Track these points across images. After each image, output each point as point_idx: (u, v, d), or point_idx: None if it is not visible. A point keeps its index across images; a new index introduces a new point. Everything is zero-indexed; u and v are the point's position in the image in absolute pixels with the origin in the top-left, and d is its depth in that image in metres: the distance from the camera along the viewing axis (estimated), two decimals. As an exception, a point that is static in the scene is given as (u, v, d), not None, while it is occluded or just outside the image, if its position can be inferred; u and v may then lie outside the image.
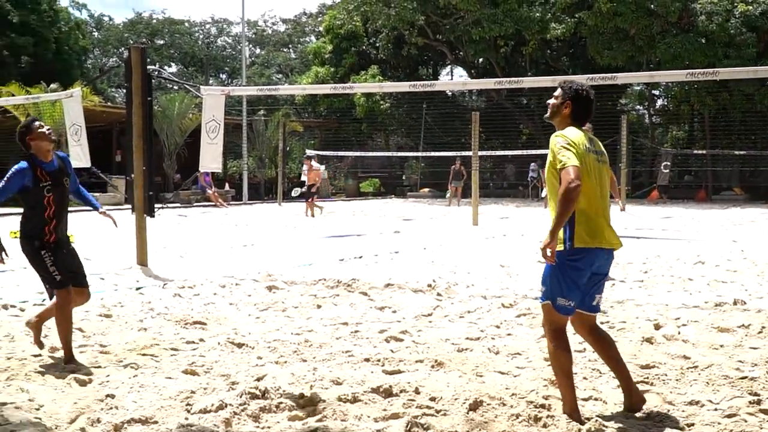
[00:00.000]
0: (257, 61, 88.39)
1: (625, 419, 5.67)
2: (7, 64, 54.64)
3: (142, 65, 13.62)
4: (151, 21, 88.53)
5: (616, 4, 40.07)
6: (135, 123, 13.56)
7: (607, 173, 5.99)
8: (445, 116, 50.74)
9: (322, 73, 53.70)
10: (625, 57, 41.56)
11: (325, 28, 56.81)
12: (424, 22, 46.47)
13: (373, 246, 17.89)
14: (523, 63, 50.19)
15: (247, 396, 5.91)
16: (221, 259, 15.21)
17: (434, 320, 9.19)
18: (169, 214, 29.04)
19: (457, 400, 5.91)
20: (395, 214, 31.88)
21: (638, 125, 52.24)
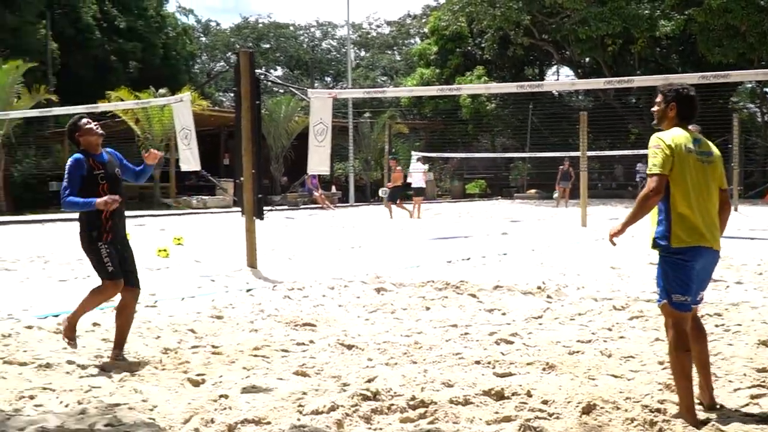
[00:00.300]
0: (362, 64, 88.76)
1: (743, 423, 5.53)
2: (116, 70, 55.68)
3: (250, 69, 13.74)
4: (257, 25, 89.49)
5: (727, 1, 39.39)
6: (244, 126, 13.68)
7: (713, 173, 5.89)
8: (551, 116, 50.41)
9: (427, 75, 53.76)
10: (735, 54, 40.85)
11: (430, 29, 56.87)
12: (529, 22, 46.20)
13: (481, 247, 17.80)
14: (631, 61, 49.59)
15: (359, 397, 5.91)
16: (329, 261, 15.26)
17: (544, 322, 9.10)
18: (276, 217, 29.30)
19: (570, 403, 5.83)
20: (502, 216, 31.74)
21: (750, 124, 51.27)
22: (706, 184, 5.84)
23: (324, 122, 14.35)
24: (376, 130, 49.10)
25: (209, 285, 12.06)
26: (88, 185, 7.30)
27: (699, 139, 5.93)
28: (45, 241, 20.30)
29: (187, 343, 7.94)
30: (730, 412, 5.81)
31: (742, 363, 7.05)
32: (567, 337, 8.16)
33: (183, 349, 7.69)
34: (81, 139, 7.47)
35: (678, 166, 5.71)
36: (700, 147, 5.88)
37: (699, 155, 5.83)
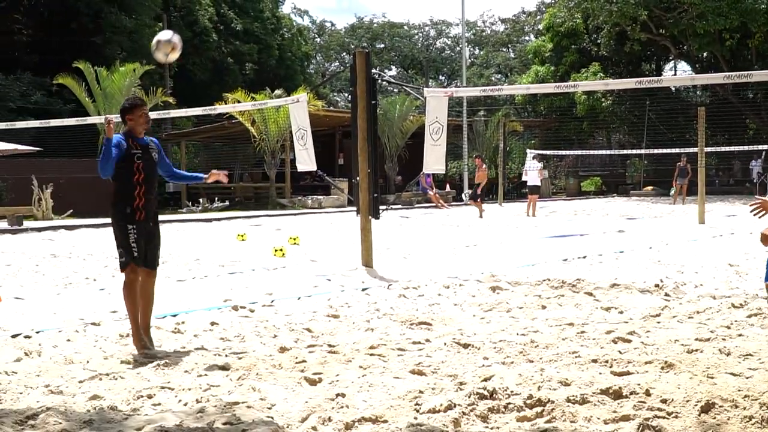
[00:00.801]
0: (476, 62, 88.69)
1: None
2: (232, 71, 56.51)
3: (366, 69, 13.83)
4: (371, 25, 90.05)
5: None
6: (360, 126, 13.77)
7: None
8: (668, 112, 49.75)
9: (542, 72, 53.50)
10: None
11: (545, 26, 56.56)
12: (646, 17, 45.67)
13: (597, 245, 17.67)
14: (749, 56, 48.75)
15: (476, 396, 5.92)
16: (444, 260, 15.29)
17: (662, 321, 9.00)
18: (391, 216, 29.42)
19: (689, 402, 5.77)
20: (618, 213, 31.47)
21: None
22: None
23: (440, 121, 14.36)
24: (491, 129, 49.02)
25: (325, 284, 12.18)
26: (125, 161, 7.73)
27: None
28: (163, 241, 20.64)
29: (304, 342, 8.03)
30: None
31: None
32: (685, 336, 8.06)
33: (300, 348, 7.77)
34: (130, 122, 7.89)
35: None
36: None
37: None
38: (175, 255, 16.78)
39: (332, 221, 28.79)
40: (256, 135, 39.84)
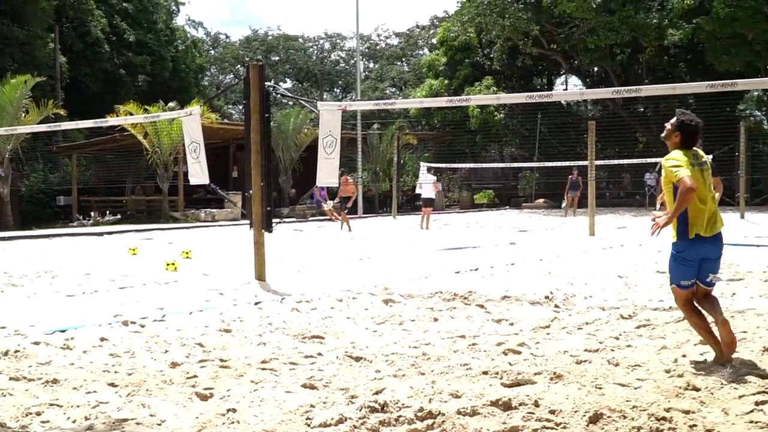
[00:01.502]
0: (371, 75, 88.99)
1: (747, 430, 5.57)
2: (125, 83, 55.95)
3: (260, 82, 13.78)
4: (266, 38, 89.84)
5: (734, 9, 39.50)
6: (253, 139, 13.72)
7: (708, 179, 7.49)
8: (559, 126, 50.48)
9: (436, 86, 53.90)
10: (743, 62, 40.97)
11: (439, 40, 57.01)
12: (538, 32, 46.35)
13: (489, 258, 17.83)
14: (639, 70, 49.72)
15: (367, 409, 5.93)
16: (338, 273, 15.29)
17: (552, 332, 9.12)
18: (285, 229, 29.33)
19: (577, 412, 5.86)
20: (510, 225, 31.79)
21: (757, 131, 51.32)
22: (707, 189, 7.46)
23: (333, 134, 14.37)
24: (385, 142, 49.17)
25: (217, 298, 12.09)
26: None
27: (696, 153, 7.57)
28: (52, 256, 20.34)
29: (195, 357, 7.96)
30: (735, 418, 5.83)
31: (747, 370, 7.08)
32: (574, 347, 8.19)
33: (191, 363, 7.70)
34: None
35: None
36: (698, 159, 7.51)
37: (699, 166, 7.46)
38: (65, 270, 16.51)
39: (225, 234, 28.62)
40: (148, 148, 39.42)
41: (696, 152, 7.55)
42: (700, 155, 7.57)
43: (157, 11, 61.03)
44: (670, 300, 11.23)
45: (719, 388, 6.59)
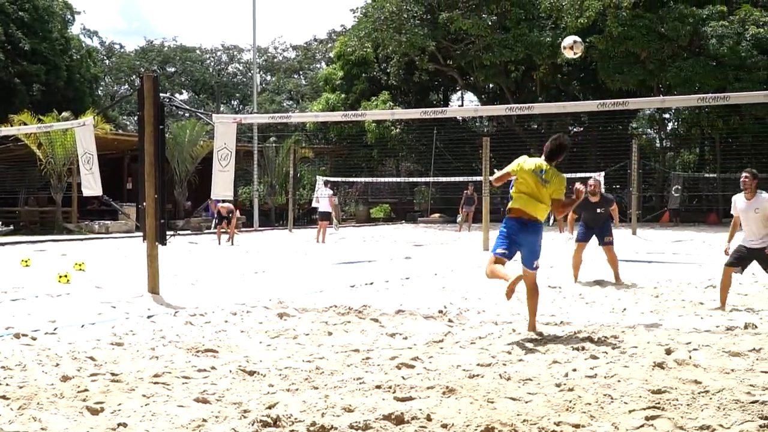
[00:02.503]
0: (268, 88, 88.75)
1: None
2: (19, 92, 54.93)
3: (154, 93, 13.64)
4: (162, 48, 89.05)
5: (627, 29, 40.22)
6: (147, 151, 13.57)
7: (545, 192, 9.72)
8: (455, 142, 50.84)
9: (332, 100, 53.90)
10: (635, 81, 41.69)
11: (336, 54, 57.02)
12: (434, 48, 46.59)
13: (384, 272, 17.89)
14: (533, 88, 50.36)
15: (259, 424, 5.91)
16: (232, 287, 15.20)
17: (445, 346, 9.18)
18: (180, 242, 29.08)
19: (469, 426, 5.91)
20: (406, 240, 31.92)
21: (649, 149, 52.38)
22: (540, 196, 9.74)
23: (228, 147, 14.30)
24: (282, 155, 49.01)
25: (110, 311, 11.93)
26: None
27: (547, 171, 9.76)
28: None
29: (87, 371, 7.85)
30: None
31: (638, 384, 7.20)
32: (467, 361, 8.25)
33: (82, 377, 7.59)
34: None
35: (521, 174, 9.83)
36: (544, 175, 9.68)
37: (540, 179, 9.70)
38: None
39: (119, 247, 28.27)
40: (42, 158, 38.76)
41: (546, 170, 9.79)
42: (549, 173, 9.78)
43: (52, 20, 60.06)
44: (561, 315, 11.42)
45: (609, 402, 6.70)
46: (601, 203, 15.57)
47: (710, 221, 43.59)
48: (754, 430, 5.91)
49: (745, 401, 6.64)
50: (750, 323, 10.33)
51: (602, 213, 15.61)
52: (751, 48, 40.00)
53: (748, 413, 6.35)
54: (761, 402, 6.61)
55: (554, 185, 9.71)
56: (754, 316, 11.25)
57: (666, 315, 11.53)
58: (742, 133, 43.56)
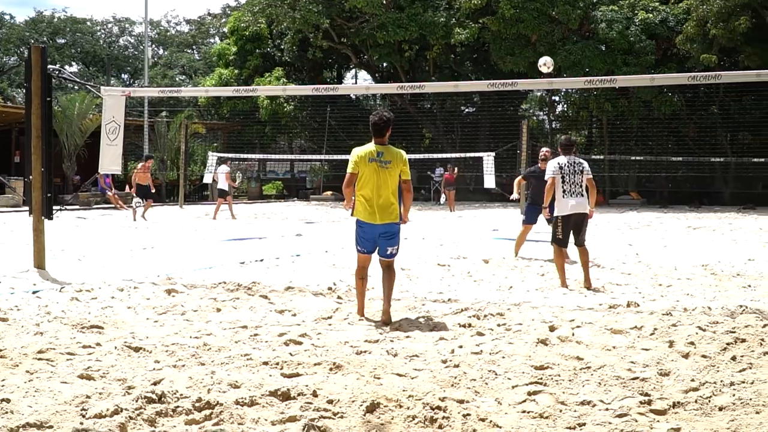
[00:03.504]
0: (160, 62, 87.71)
1: (520, 419, 5.76)
2: None
3: (42, 65, 13.40)
4: (52, 20, 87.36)
5: (519, 11, 40.68)
6: (34, 124, 13.33)
7: (390, 175, 9.35)
8: (349, 119, 50.83)
9: (225, 75, 53.46)
10: (526, 63, 42.14)
11: (230, 29, 56.52)
12: (329, 26, 46.49)
13: (275, 249, 17.87)
14: (426, 67, 50.54)
15: (144, 400, 5.88)
16: (120, 263, 15.04)
17: (334, 323, 9.23)
18: (68, 217, 28.66)
19: (354, 402, 5.95)
20: (298, 217, 31.90)
21: (538, 130, 53.00)
22: (385, 181, 9.34)
23: (116, 121, 14.12)
24: (173, 130, 48.51)
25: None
26: None
27: (382, 152, 9.35)
28: None
29: (-31, 347, 7.73)
30: (508, 407, 6.03)
31: (522, 361, 7.33)
32: (355, 338, 8.30)
33: (-36, 353, 7.48)
34: None
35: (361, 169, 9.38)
36: (382, 157, 9.30)
37: (380, 163, 9.30)
38: None
39: (5, 221, 27.73)
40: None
41: (383, 151, 9.41)
42: (389, 153, 9.41)
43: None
44: (449, 292, 11.54)
45: (493, 378, 6.81)
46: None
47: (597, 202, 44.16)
48: (634, 405, 6.05)
49: (625, 377, 6.80)
50: (632, 301, 10.56)
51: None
52: (640, 33, 40.82)
53: (628, 389, 6.51)
54: (641, 378, 6.78)
55: (398, 164, 9.42)
56: (637, 295, 11.50)
57: (551, 293, 11.73)
58: (629, 116, 44.30)
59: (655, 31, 41.46)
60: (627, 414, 5.86)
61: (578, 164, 12.48)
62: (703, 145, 44.35)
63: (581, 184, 12.47)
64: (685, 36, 39.76)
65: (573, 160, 12.51)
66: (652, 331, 8.63)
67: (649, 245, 18.92)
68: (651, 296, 11.46)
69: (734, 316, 9.50)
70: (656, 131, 46.48)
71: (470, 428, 5.56)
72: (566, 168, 12.42)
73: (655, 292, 11.94)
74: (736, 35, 37.88)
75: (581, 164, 12.54)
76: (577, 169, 12.45)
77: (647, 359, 7.46)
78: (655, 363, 7.32)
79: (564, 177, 12.36)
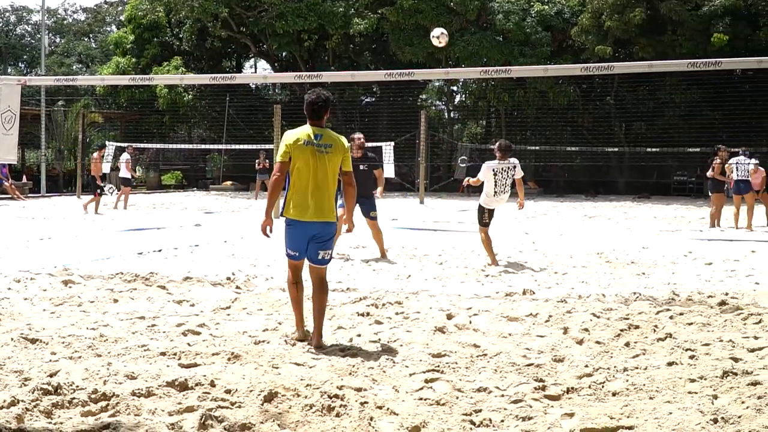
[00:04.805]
0: (57, 51, 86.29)
1: (417, 406, 5.85)
2: None
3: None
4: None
5: (418, 2, 40.85)
6: (-75, 113, 13.14)
7: (330, 161, 7.82)
8: (248, 109, 50.55)
9: (123, 64, 52.76)
10: (425, 53, 42.32)
11: (127, 17, 55.80)
12: (227, 15, 46.19)
13: (174, 239, 17.77)
14: (326, 57, 50.49)
15: (40, 392, 5.85)
16: (16, 253, 14.84)
17: (232, 313, 9.25)
18: (-39, 207, 28.15)
19: (252, 392, 5.99)
20: (197, 207, 31.70)
21: (437, 120, 53.33)
22: (323, 170, 7.80)
23: (12, 110, 13.97)
24: (70, 119, 47.81)
25: None
26: None
27: (321, 134, 7.90)
28: None
29: None
30: (405, 395, 6.12)
31: (419, 349, 7.44)
32: (254, 327, 8.34)
33: None
34: None
35: (294, 155, 7.79)
36: (320, 140, 7.85)
37: (317, 147, 7.82)
38: None
39: None
40: None
41: (321, 133, 7.95)
42: (328, 136, 7.98)
43: None
44: (348, 282, 11.61)
45: (391, 366, 6.90)
46: (364, 160, 14.86)
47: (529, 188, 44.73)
48: (529, 391, 6.18)
49: (521, 364, 6.95)
50: (528, 289, 10.74)
51: (365, 171, 14.70)
52: (536, 24, 41.30)
53: (523, 375, 6.65)
54: (536, 365, 6.93)
55: (339, 150, 7.91)
56: (533, 283, 11.69)
57: (449, 281, 11.87)
58: (526, 106, 44.76)
59: (550, 22, 41.96)
60: (522, 400, 5.99)
61: (511, 168, 13.71)
62: (598, 135, 45.04)
63: (510, 182, 13.72)
64: (580, 27, 40.29)
65: (506, 165, 13.66)
66: (547, 318, 8.81)
67: (545, 234, 19.21)
68: (546, 284, 11.67)
69: (628, 303, 9.73)
70: (553, 121, 47.04)
71: (367, 416, 5.63)
72: (499, 173, 13.61)
73: (550, 279, 12.17)
74: (630, 27, 38.47)
75: (514, 167, 13.76)
76: (509, 173, 13.69)
77: (542, 346, 7.62)
78: (550, 349, 7.48)
79: (496, 181, 13.52)
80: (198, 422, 5.35)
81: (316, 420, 5.61)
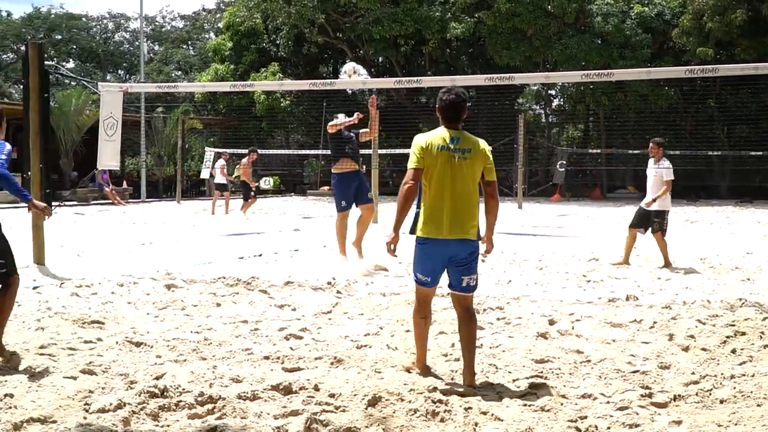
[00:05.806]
0: (155, 58, 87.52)
1: (521, 412, 5.79)
2: None
3: (39, 61, 13.42)
4: (49, 16, 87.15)
5: (515, 5, 40.55)
6: (32, 120, 13.37)
7: (469, 168, 6.66)
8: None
9: (221, 71, 53.31)
10: (522, 57, 42.05)
11: (225, 24, 56.36)
12: (324, 20, 46.38)
13: (273, 244, 17.87)
14: (422, 62, 50.45)
15: (146, 395, 5.91)
16: (119, 258, 15.05)
17: (334, 317, 9.25)
18: (66, 213, 28.64)
19: (356, 396, 5.98)
20: (295, 212, 31.87)
21: (535, 125, 53.00)
22: (461, 178, 6.63)
23: (114, 116, 14.16)
24: (170, 126, 48.46)
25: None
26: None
27: (459, 138, 6.71)
28: None
29: (-30, 343, 7.74)
30: (510, 401, 6.06)
31: (522, 354, 7.37)
32: (355, 332, 8.33)
33: (-33, 348, 7.49)
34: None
35: (427, 162, 6.62)
36: (458, 144, 6.67)
37: (454, 152, 6.63)
38: None
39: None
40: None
41: (457, 137, 6.74)
42: (465, 140, 6.76)
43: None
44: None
45: (494, 371, 6.86)
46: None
47: (594, 196, 44.30)
48: (635, 398, 6.09)
49: (626, 371, 6.84)
50: (631, 295, 10.59)
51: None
52: (636, 26, 40.75)
53: (628, 382, 6.55)
54: (642, 372, 6.82)
55: (479, 156, 6.76)
56: (636, 288, 11.53)
57: (550, 287, 11.76)
58: (626, 109, 44.23)
59: (651, 24, 41.39)
60: (628, 407, 5.90)
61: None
62: (700, 139, 44.28)
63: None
64: (681, 29, 39.71)
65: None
66: (651, 324, 8.68)
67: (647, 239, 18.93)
68: (650, 290, 11.50)
69: (734, 309, 9.53)
70: (653, 124, 46.34)
71: (472, 421, 5.59)
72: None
73: (654, 285, 11.99)
74: (732, 28, 37.82)
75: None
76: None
77: (647, 352, 7.50)
78: (655, 356, 7.36)
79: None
80: (303, 426, 5.36)
81: (420, 425, 5.58)
